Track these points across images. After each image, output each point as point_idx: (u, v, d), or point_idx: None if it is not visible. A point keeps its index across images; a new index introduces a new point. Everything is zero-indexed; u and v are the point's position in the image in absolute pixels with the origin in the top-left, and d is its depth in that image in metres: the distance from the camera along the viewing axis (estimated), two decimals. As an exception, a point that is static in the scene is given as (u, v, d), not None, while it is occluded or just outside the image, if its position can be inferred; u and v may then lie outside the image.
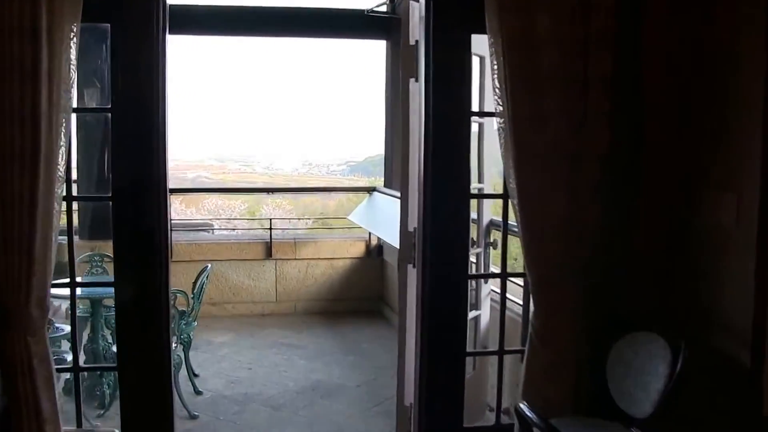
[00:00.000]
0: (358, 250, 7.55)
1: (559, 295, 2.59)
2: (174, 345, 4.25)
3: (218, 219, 16.81)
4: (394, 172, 7.81)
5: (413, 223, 2.96)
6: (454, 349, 2.89)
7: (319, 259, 7.45)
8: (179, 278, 7.05)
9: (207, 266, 4.98)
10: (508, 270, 2.95)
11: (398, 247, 3.38)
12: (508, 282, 3.00)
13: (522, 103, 2.55)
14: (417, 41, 2.93)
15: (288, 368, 5.27)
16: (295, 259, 7.39)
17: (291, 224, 19.93)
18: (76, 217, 7.84)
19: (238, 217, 19.14)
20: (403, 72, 3.13)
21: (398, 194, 6.78)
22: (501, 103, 2.60)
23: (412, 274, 2.97)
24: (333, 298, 7.46)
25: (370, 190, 7.65)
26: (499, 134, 2.65)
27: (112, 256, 3.11)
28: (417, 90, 2.94)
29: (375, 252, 7.53)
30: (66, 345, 4.27)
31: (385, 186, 7.83)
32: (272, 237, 7.33)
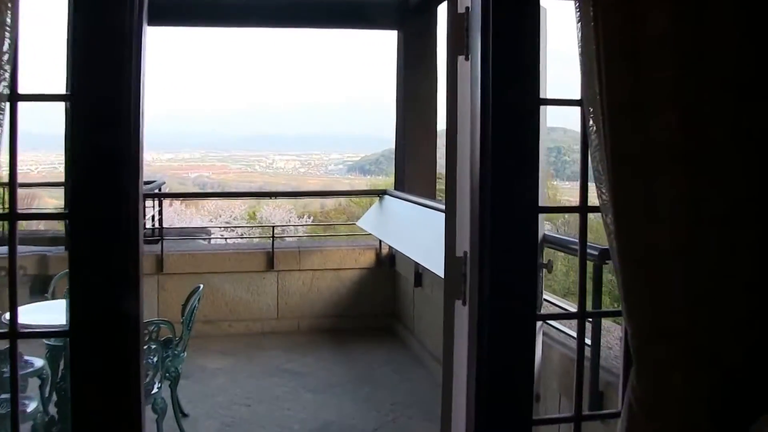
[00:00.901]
0: (368, 259, 6.87)
1: (675, 351, 1.89)
2: (158, 384, 3.54)
3: (215, 227, 16.01)
4: (407, 174, 7.13)
5: (464, 246, 2.26)
6: (519, 413, 2.19)
7: (324, 269, 6.77)
8: (169, 294, 6.36)
9: (198, 287, 4.28)
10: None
11: (432, 271, 2.67)
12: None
13: (622, 85, 1.85)
14: (468, 8, 2.23)
15: (293, 404, 4.58)
16: (299, 270, 6.70)
17: (294, 226, 19.26)
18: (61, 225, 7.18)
19: (239, 224, 18.21)
20: (449, 49, 2.42)
21: (413, 198, 6.13)
22: (591, 86, 1.91)
23: (462, 314, 2.26)
24: (340, 315, 6.78)
25: (380, 193, 6.94)
26: (588, 128, 1.96)
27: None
28: (467, 72, 2.24)
29: (387, 262, 6.85)
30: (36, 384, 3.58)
31: (396, 188, 7.13)
32: (274, 246, 6.63)
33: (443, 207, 4.97)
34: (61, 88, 3.69)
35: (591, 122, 1.95)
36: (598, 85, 1.90)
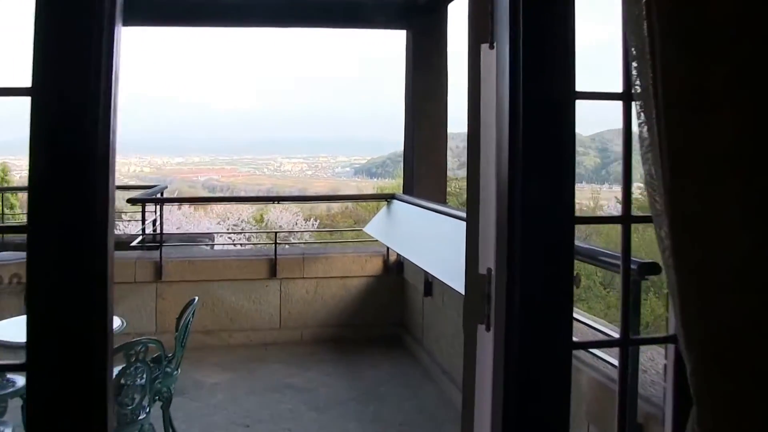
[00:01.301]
0: (375, 266, 6.57)
1: (749, 390, 1.58)
2: (146, 407, 3.24)
3: (219, 232, 15.69)
4: (416, 177, 6.84)
5: (487, 261, 1.95)
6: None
7: (330, 277, 6.48)
8: (168, 303, 6.08)
9: (193, 300, 3.98)
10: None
11: (455, 289, 2.36)
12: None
13: (684, 72, 1.55)
14: (494, -11, 1.94)
15: (294, 424, 4.29)
16: (303, 278, 6.41)
17: (299, 232, 18.84)
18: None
19: (242, 229, 17.82)
20: (470, 37, 2.13)
21: (423, 203, 5.83)
22: (643, 75, 1.61)
23: (486, 341, 1.96)
24: (345, 324, 6.49)
25: (388, 197, 6.64)
26: (640, 125, 1.66)
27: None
28: (493, 62, 1.94)
29: (394, 269, 6.56)
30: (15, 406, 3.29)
31: (404, 192, 6.84)
32: (277, 252, 6.33)
33: (456, 213, 4.69)
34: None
35: (641, 118, 1.65)
36: (651, 74, 1.59)
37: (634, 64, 1.66)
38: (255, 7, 6.63)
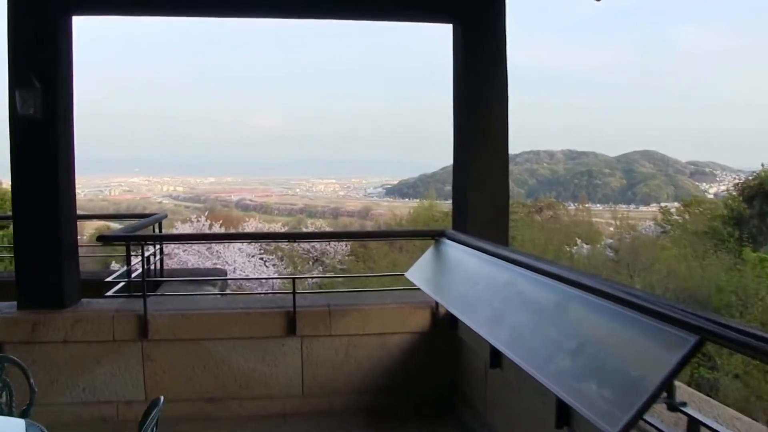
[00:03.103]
0: (421, 320, 5.21)
1: None
2: None
3: (230, 278, 13.96)
4: (470, 208, 5.44)
5: None
6: None
7: (364, 334, 5.12)
8: (159, 366, 4.81)
9: (158, 399, 2.62)
10: None
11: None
12: None
13: None
14: None
15: None
16: (330, 335, 5.06)
17: (324, 277, 17.12)
18: None
19: (252, 273, 15.75)
20: None
21: (483, 245, 4.38)
22: None
23: None
24: (384, 390, 5.14)
25: (437, 234, 5.23)
26: None
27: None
28: None
29: (445, 323, 5.17)
30: None
31: (455, 227, 5.46)
32: (297, 304, 4.98)
33: (536, 264, 3.27)
34: None
35: None
36: None
37: None
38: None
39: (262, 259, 18.54)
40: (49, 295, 4.75)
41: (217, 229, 24.89)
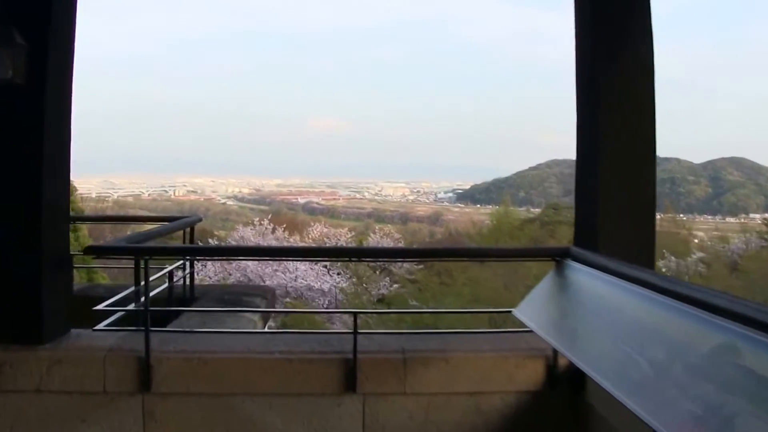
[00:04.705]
0: (532, 375, 3.66)
1: None
2: None
3: (266, 311, 12.14)
4: (601, 219, 3.90)
5: None
6: None
7: (452, 393, 3.62)
8: (162, 428, 3.44)
9: None
10: None
11: None
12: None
13: None
14: None
15: None
16: (404, 393, 3.58)
17: (390, 312, 15.38)
18: None
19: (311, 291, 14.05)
20: None
21: (647, 277, 2.62)
22: None
23: None
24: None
25: (558, 254, 3.66)
26: None
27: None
28: None
29: (565, 380, 3.62)
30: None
31: (580, 244, 3.88)
32: (358, 348, 3.53)
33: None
34: None
35: None
36: None
37: None
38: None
39: (326, 267, 17.34)
40: (21, 324, 3.46)
41: (280, 233, 23.89)
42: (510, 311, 3.56)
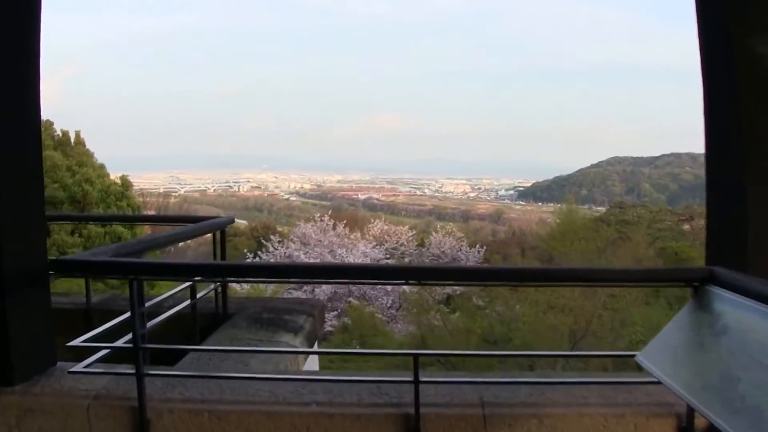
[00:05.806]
0: (657, 439, 2.67)
1: None
2: None
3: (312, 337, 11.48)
4: (752, 230, 2.86)
5: None
6: None
7: (547, 462, 2.66)
8: None
9: None
10: None
11: None
12: None
13: None
14: None
15: None
16: (483, 461, 2.65)
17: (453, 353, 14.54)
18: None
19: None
20: None
21: None
22: None
23: None
24: None
25: (699, 279, 2.63)
26: None
27: None
28: None
29: (703, 448, 2.60)
30: None
31: (718, 262, 2.81)
32: (421, 399, 2.60)
33: None
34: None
35: None
36: None
37: None
38: None
39: (387, 260, 16.56)
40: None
41: (340, 229, 23.10)
42: (633, 356, 2.56)
